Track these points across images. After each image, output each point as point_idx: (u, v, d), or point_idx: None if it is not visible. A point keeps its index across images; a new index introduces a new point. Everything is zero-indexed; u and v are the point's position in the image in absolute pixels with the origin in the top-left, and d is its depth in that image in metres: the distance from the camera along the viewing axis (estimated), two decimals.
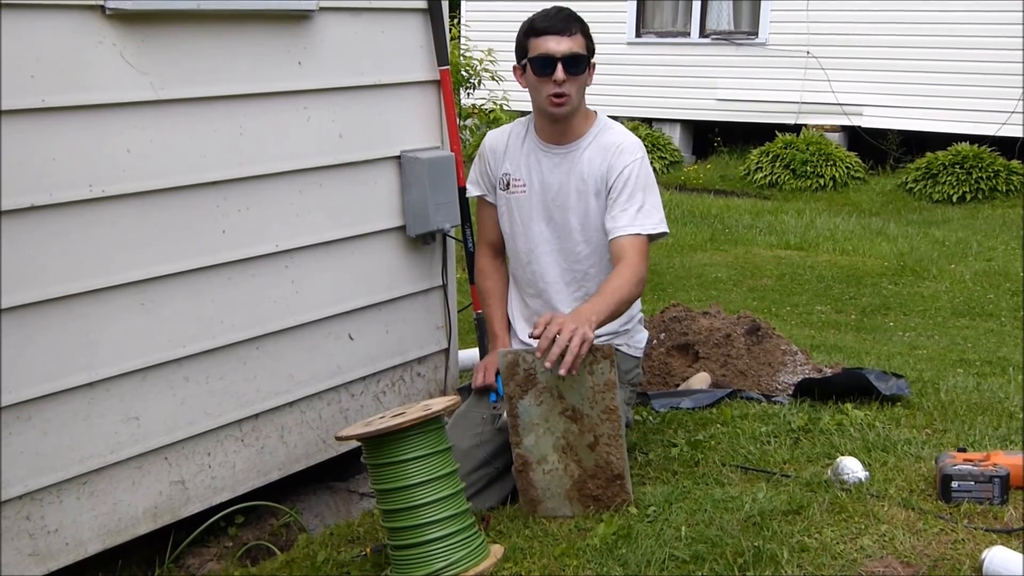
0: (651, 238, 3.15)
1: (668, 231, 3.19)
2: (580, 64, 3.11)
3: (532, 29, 3.14)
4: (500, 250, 3.46)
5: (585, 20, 3.18)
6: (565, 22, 3.11)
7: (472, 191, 3.43)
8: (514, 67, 3.23)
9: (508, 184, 3.29)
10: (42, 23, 2.65)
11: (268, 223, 3.26)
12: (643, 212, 3.13)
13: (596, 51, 3.21)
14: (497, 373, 3.15)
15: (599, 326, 2.88)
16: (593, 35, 3.20)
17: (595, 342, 2.80)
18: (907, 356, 5.47)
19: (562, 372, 2.69)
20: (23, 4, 2.61)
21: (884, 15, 12.01)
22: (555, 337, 2.71)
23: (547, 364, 2.72)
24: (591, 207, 3.20)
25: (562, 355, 2.69)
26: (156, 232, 2.97)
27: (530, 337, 2.82)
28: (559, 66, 3.08)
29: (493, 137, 3.37)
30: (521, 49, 3.18)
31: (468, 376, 4.26)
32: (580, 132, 3.23)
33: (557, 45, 3.08)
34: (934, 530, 2.63)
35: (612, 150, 3.18)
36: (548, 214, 3.25)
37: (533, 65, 3.13)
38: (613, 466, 2.88)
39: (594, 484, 2.90)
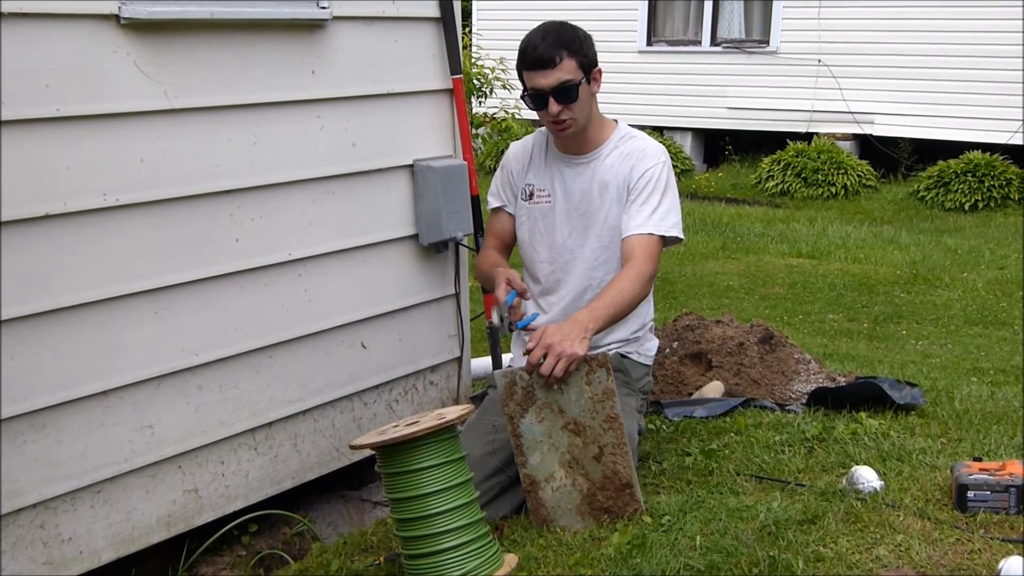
0: (664, 241, 3.15)
1: (683, 237, 3.19)
2: (571, 92, 3.09)
3: (523, 61, 3.14)
4: (507, 248, 3.45)
5: (577, 35, 3.10)
6: (550, 51, 3.06)
7: (492, 202, 3.43)
8: (521, 95, 3.25)
9: (531, 194, 3.30)
10: (57, 33, 2.66)
11: (281, 232, 3.27)
12: (658, 213, 3.13)
13: (606, 59, 3.20)
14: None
15: (598, 331, 2.91)
16: (604, 43, 3.18)
17: (597, 351, 2.79)
18: (920, 365, 5.45)
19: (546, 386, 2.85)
20: (38, 14, 2.62)
21: (895, 23, 12.00)
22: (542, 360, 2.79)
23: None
24: (612, 213, 3.20)
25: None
26: (170, 241, 2.97)
27: (524, 353, 2.85)
28: (550, 99, 3.09)
29: (516, 148, 3.40)
30: (520, 78, 3.20)
31: (481, 385, 4.26)
32: (599, 141, 3.24)
33: (544, 80, 3.08)
34: (950, 540, 2.62)
35: (635, 155, 3.19)
36: (571, 222, 3.26)
37: (529, 100, 3.17)
38: (620, 475, 2.87)
39: (604, 496, 2.89)
